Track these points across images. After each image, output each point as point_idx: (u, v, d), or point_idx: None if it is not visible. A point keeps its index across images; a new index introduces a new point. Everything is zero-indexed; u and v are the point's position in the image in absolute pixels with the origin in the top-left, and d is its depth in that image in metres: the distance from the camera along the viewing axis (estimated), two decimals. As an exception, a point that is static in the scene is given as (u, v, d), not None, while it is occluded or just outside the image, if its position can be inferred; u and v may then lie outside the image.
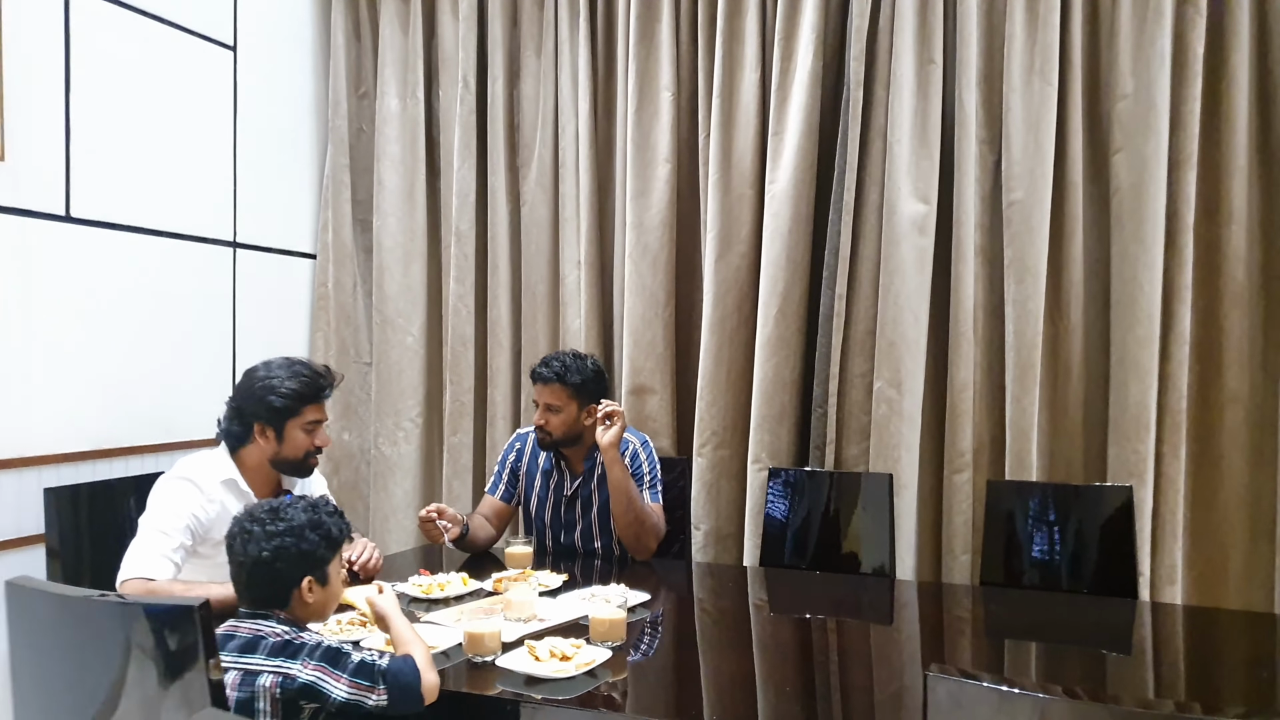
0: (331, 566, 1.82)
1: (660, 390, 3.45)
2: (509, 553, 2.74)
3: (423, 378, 3.83)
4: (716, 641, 2.32)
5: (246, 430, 2.53)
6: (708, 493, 3.36)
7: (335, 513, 1.86)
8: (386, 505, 3.82)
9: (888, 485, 3.00)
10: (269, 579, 1.76)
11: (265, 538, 1.75)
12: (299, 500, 1.84)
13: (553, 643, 1.93)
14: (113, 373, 3.16)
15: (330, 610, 1.86)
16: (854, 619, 2.55)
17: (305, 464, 2.59)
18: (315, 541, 1.78)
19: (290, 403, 2.51)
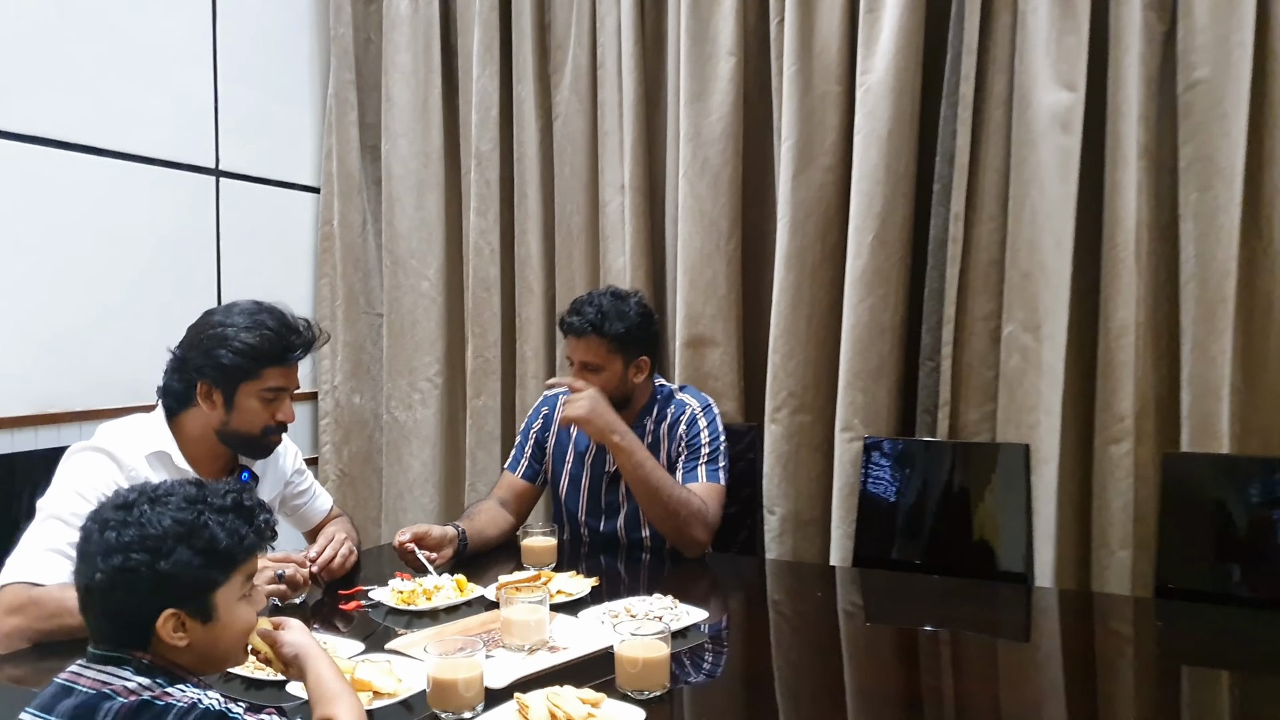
0: (224, 593, 1.20)
1: (723, 342, 2.78)
2: (525, 545, 2.12)
3: (441, 330, 3.22)
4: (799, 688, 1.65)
5: (188, 389, 1.94)
6: (783, 468, 2.69)
7: (242, 508, 1.23)
8: (402, 480, 3.24)
9: (1022, 459, 2.30)
10: (109, 612, 1.16)
11: (103, 551, 1.14)
12: (179, 488, 1.22)
13: (558, 695, 1.29)
14: (58, 321, 2.62)
15: (233, 654, 1.24)
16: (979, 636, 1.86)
17: (261, 442, 1.99)
18: (184, 560, 1.15)
19: (244, 361, 1.91)
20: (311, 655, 1.27)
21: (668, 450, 2.35)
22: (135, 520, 1.15)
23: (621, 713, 1.30)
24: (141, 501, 1.17)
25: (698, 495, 2.23)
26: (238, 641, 1.23)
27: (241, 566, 1.21)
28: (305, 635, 1.31)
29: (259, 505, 1.25)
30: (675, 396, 2.41)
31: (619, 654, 1.42)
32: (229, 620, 1.20)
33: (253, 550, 1.23)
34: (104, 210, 2.73)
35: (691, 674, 1.57)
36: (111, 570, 1.12)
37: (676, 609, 1.73)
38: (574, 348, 2.31)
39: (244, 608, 1.23)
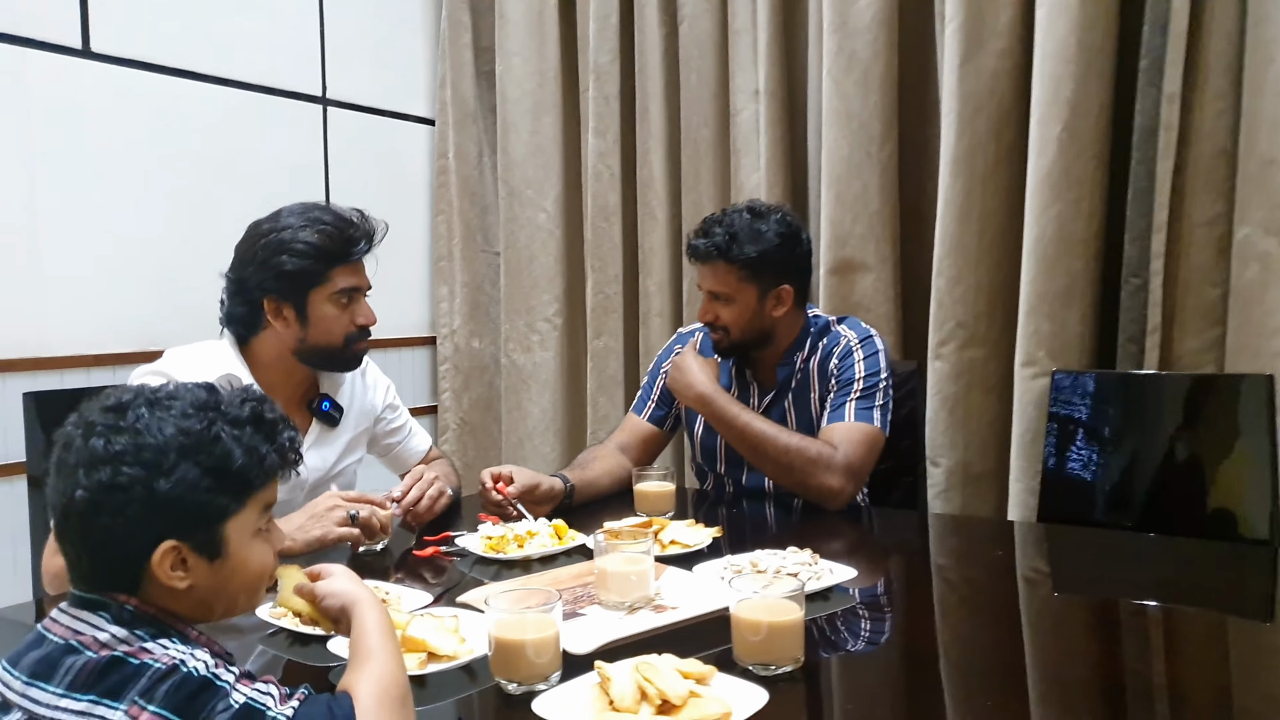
0: (237, 525, 0.93)
1: (876, 267, 2.39)
2: (638, 490, 1.82)
3: (560, 266, 2.95)
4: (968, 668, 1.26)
5: (254, 311, 1.74)
6: (949, 413, 2.28)
7: (262, 420, 0.96)
8: (521, 428, 3.00)
9: (1265, 394, 1.82)
10: (91, 542, 0.91)
11: (86, 463, 0.89)
12: (185, 390, 0.96)
13: (651, 666, 0.98)
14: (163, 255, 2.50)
15: (243, 601, 0.98)
16: (1204, 613, 1.42)
17: (346, 353, 1.79)
18: (190, 479, 0.89)
19: (309, 264, 1.70)
20: (359, 604, 1.00)
21: (819, 392, 1.99)
22: (130, 426, 0.89)
23: (737, 692, 0.97)
24: (138, 403, 0.91)
25: (820, 440, 1.86)
26: (250, 586, 0.97)
27: (259, 493, 0.95)
28: (351, 582, 1.04)
29: (283, 420, 0.98)
30: (832, 329, 2.03)
31: (737, 617, 1.09)
32: (241, 559, 0.94)
33: (273, 474, 0.96)
34: (208, 139, 2.60)
35: (831, 646, 1.22)
36: (96, 487, 0.87)
37: (816, 565, 1.38)
38: (702, 274, 1.97)
39: (259, 546, 0.96)
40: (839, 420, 1.91)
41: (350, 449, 1.91)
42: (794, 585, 1.10)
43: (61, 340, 2.34)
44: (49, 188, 2.31)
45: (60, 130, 2.32)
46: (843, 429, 1.89)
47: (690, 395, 1.95)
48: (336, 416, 1.85)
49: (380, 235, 1.79)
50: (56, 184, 2.32)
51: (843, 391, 1.94)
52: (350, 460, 1.92)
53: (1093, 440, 1.99)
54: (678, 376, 1.97)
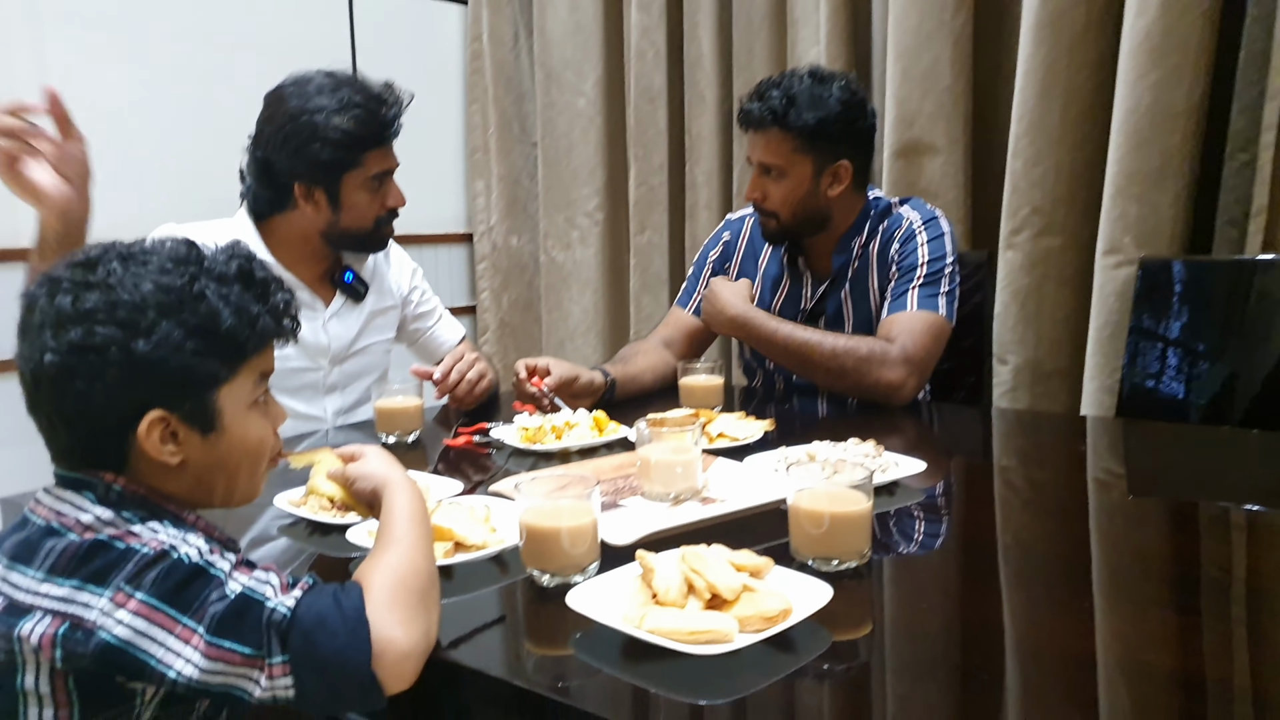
0: (230, 394, 0.82)
1: (945, 149, 2.19)
2: (684, 384, 1.69)
3: (601, 155, 2.78)
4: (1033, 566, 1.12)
5: (281, 194, 1.64)
6: (1020, 307, 2.11)
7: (251, 278, 0.84)
8: (562, 328, 2.87)
9: (1384, 281, 1.63)
10: (66, 412, 0.80)
11: (54, 323, 0.77)
12: (162, 245, 0.83)
13: (699, 556, 0.86)
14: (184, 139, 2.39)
15: (243, 483, 0.87)
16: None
17: (376, 235, 1.72)
18: (172, 340, 0.78)
19: (343, 153, 1.61)
20: (390, 486, 0.90)
21: (879, 279, 1.83)
22: (101, 281, 0.78)
23: (797, 587, 0.84)
24: (109, 258, 0.80)
25: (874, 337, 1.71)
26: (252, 462, 0.86)
27: (253, 359, 0.84)
28: (385, 463, 0.93)
29: (275, 281, 0.86)
30: (894, 211, 1.86)
31: (797, 507, 0.96)
32: (238, 433, 0.83)
33: (267, 338, 0.85)
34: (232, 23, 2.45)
35: (898, 543, 1.09)
36: (67, 349, 0.76)
37: (880, 458, 1.25)
38: (752, 144, 1.80)
39: (257, 419, 0.85)
40: (900, 309, 1.75)
41: (375, 325, 1.82)
42: (862, 474, 0.97)
43: None
44: (58, 64, 2.19)
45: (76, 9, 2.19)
46: (904, 319, 1.73)
47: (724, 321, 1.80)
48: (360, 290, 1.77)
49: (407, 104, 1.68)
50: (67, 60, 2.20)
51: (905, 278, 1.78)
52: (378, 338, 1.83)
53: (1183, 334, 1.81)
54: (709, 307, 1.82)
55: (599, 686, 0.78)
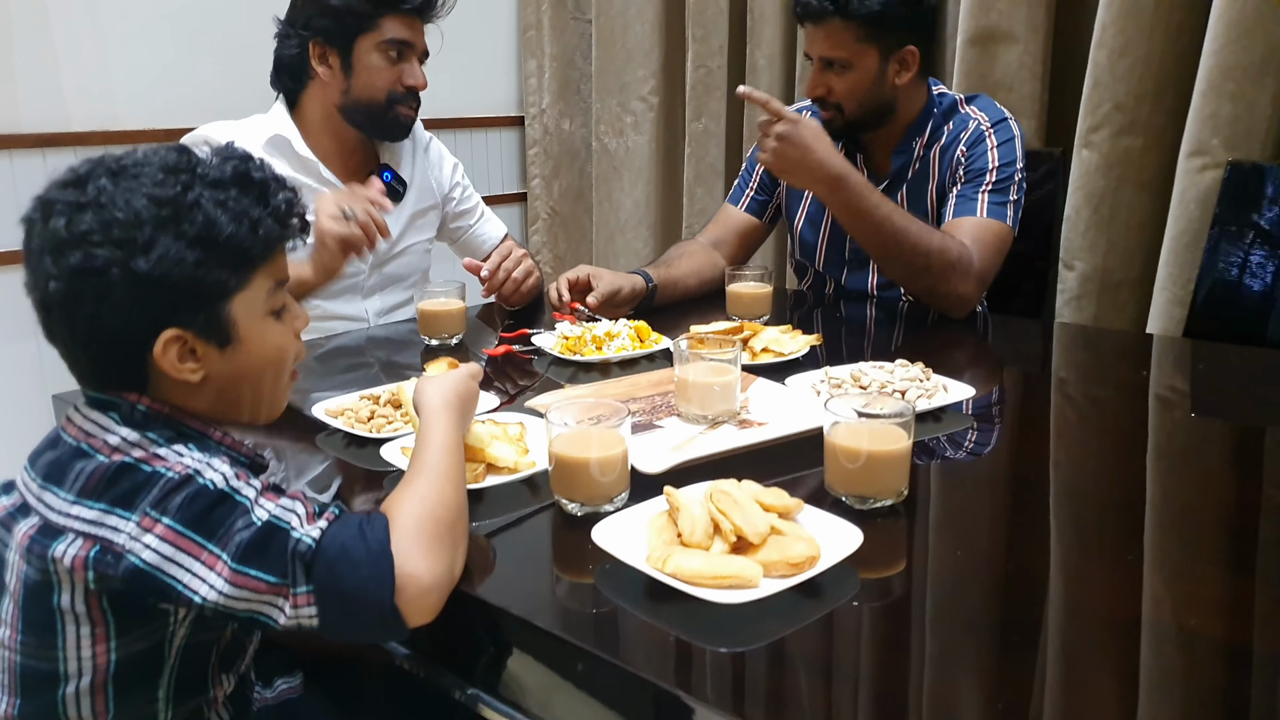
0: (243, 303, 0.81)
1: (1024, 37, 2.04)
2: (730, 291, 1.65)
3: (657, 35, 2.66)
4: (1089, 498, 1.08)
5: (301, 56, 1.60)
6: (1094, 210, 2.00)
7: (248, 180, 0.81)
8: (613, 220, 2.82)
9: None
10: (80, 337, 0.79)
11: (52, 247, 0.76)
12: (153, 155, 0.80)
13: (728, 496, 0.84)
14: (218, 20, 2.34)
15: (270, 395, 0.86)
16: None
17: (388, 114, 1.64)
18: (172, 254, 0.76)
19: (357, 5, 1.55)
20: (427, 413, 0.90)
21: (939, 179, 1.74)
22: (92, 200, 0.76)
23: (827, 530, 0.82)
24: (98, 174, 0.77)
25: (957, 238, 1.62)
26: (275, 372, 0.86)
27: (263, 266, 0.82)
28: (440, 389, 0.93)
29: (275, 180, 0.83)
30: (960, 109, 1.76)
31: (831, 442, 0.93)
32: (256, 344, 0.82)
33: (274, 243, 0.82)
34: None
35: (940, 477, 1.06)
36: (69, 274, 0.75)
37: (928, 382, 1.20)
38: (812, 38, 1.69)
39: (275, 326, 0.84)
40: (969, 214, 1.67)
41: (415, 225, 1.79)
42: (902, 408, 0.93)
43: (130, 114, 2.24)
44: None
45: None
46: (974, 226, 1.66)
47: (820, 175, 1.55)
48: (400, 189, 1.73)
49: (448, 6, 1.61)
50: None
51: (973, 182, 1.69)
52: (418, 239, 1.80)
53: (1266, 246, 1.70)
54: (794, 153, 1.54)
55: (619, 627, 0.78)
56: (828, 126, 1.74)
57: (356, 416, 1.15)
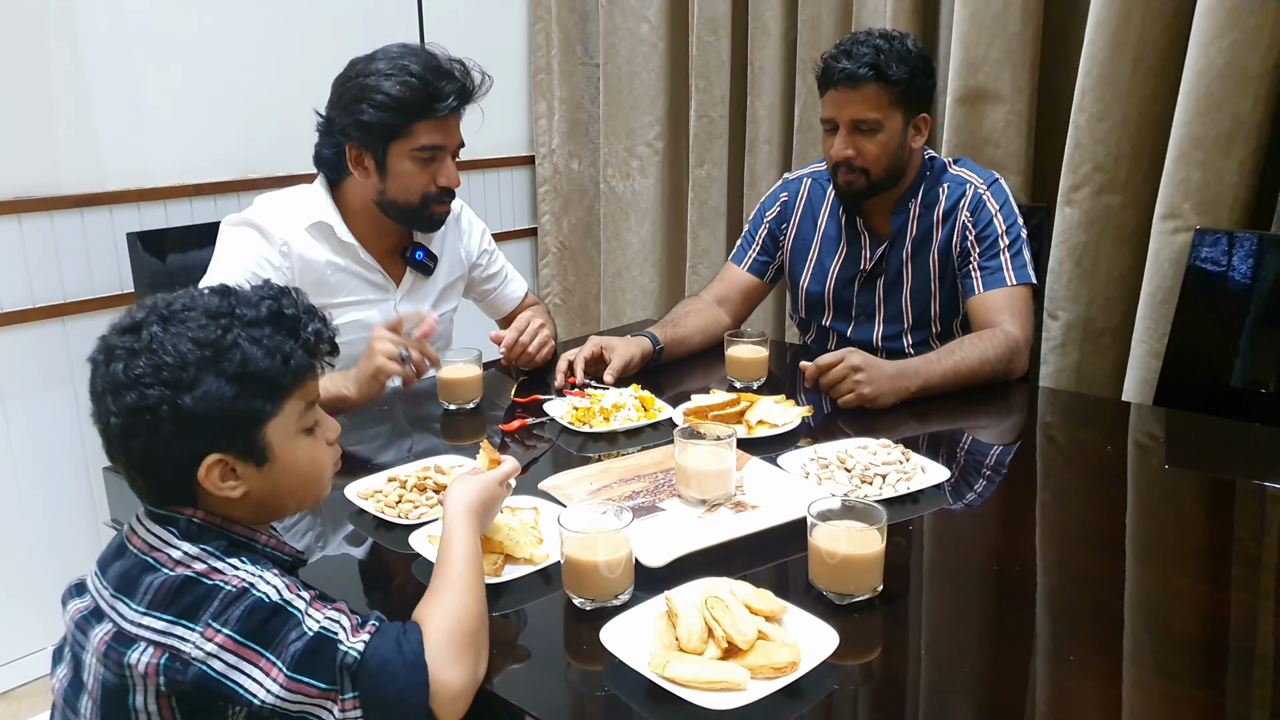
0: (278, 427, 0.93)
1: (1010, 97, 2.15)
2: (730, 355, 1.76)
3: (663, 84, 2.77)
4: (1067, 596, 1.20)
5: (339, 154, 1.70)
6: (1076, 263, 2.11)
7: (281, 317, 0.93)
8: (620, 257, 2.94)
9: None
10: (136, 463, 0.92)
11: (112, 388, 0.89)
12: (199, 299, 0.92)
13: (721, 603, 0.96)
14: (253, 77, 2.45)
15: (308, 494, 0.99)
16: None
17: (423, 213, 1.73)
18: (214, 391, 0.88)
19: (389, 116, 1.63)
20: (449, 520, 1.02)
21: (942, 242, 1.86)
22: (145, 346, 0.88)
23: (807, 632, 0.94)
24: (150, 321, 0.90)
25: (1000, 328, 1.73)
26: (311, 481, 0.98)
27: (294, 391, 0.93)
28: (465, 493, 1.05)
29: (307, 313, 0.95)
30: (948, 171, 1.88)
31: (812, 542, 1.05)
32: (290, 459, 0.94)
33: (304, 371, 0.94)
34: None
35: (916, 562, 1.18)
36: (126, 411, 0.87)
37: (907, 464, 1.32)
38: (844, 102, 1.78)
39: (308, 442, 0.96)
40: (999, 285, 1.79)
41: (445, 297, 1.90)
42: (877, 515, 1.05)
43: (162, 171, 2.36)
44: (136, 9, 2.25)
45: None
46: (1007, 299, 1.78)
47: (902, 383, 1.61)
48: (430, 265, 1.83)
49: (483, 89, 1.70)
50: (149, 12, 2.26)
51: (990, 251, 1.81)
52: (446, 308, 1.91)
53: (1228, 309, 1.82)
54: (876, 375, 1.58)
55: (625, 721, 0.90)
56: (849, 189, 1.85)
57: (386, 501, 1.27)
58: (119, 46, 2.24)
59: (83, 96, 2.21)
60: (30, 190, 2.15)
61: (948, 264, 1.86)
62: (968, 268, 1.82)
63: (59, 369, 2.25)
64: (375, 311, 1.77)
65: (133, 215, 2.31)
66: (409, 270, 1.83)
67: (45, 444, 2.25)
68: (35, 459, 2.24)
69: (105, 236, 2.28)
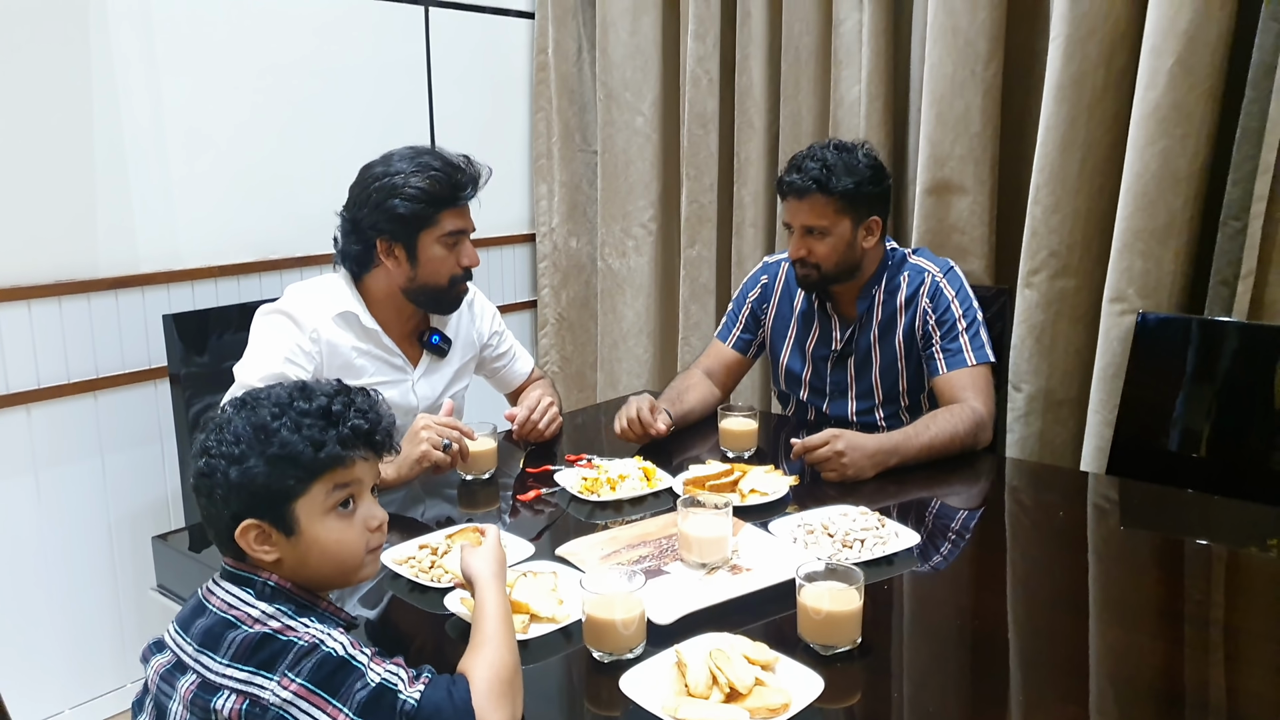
0: (305, 505, 1.08)
1: (973, 189, 2.37)
2: (723, 428, 1.94)
3: (656, 171, 2.99)
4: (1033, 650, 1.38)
5: (367, 250, 1.88)
6: (1036, 340, 2.31)
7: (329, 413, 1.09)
8: (616, 330, 3.13)
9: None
10: (204, 519, 1.12)
11: (196, 453, 1.10)
12: (278, 392, 1.11)
13: (723, 655, 1.13)
14: (274, 164, 2.64)
15: (339, 571, 1.13)
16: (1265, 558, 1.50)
17: (450, 293, 1.93)
18: (254, 469, 1.05)
19: (420, 208, 1.83)
20: (480, 585, 1.18)
21: (905, 326, 2.06)
22: (221, 422, 1.08)
23: (797, 679, 1.11)
24: (237, 404, 1.10)
25: (966, 403, 1.91)
26: (334, 558, 1.11)
27: (324, 476, 1.08)
28: (483, 558, 1.21)
29: (355, 410, 1.11)
30: (908, 261, 2.09)
31: (800, 601, 1.22)
32: (314, 535, 1.09)
33: (335, 461, 1.08)
34: (315, 46, 2.67)
35: (892, 617, 1.35)
36: (197, 474, 1.08)
37: (883, 529, 1.50)
38: (795, 210, 2.01)
39: (334, 522, 1.10)
40: (961, 366, 1.98)
41: (458, 376, 2.08)
42: (855, 576, 1.22)
43: (191, 253, 2.50)
44: (172, 102, 2.41)
45: (179, 44, 2.41)
46: (969, 377, 1.96)
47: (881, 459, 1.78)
48: (445, 348, 2.01)
49: (484, 179, 1.90)
50: (178, 98, 2.43)
51: (950, 334, 2.00)
52: (458, 386, 2.09)
53: (1169, 384, 2.02)
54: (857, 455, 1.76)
55: (644, 757, 1.06)
56: (805, 281, 2.06)
57: (420, 566, 1.44)
58: (156, 136, 2.42)
59: (122, 184, 2.36)
60: (70, 273, 2.30)
61: (912, 346, 2.06)
62: (931, 350, 2.02)
63: (88, 441, 2.39)
64: (394, 391, 1.94)
65: (162, 295, 2.48)
66: (425, 352, 2.00)
67: (72, 512, 2.38)
68: (64, 526, 2.36)
69: (137, 315, 2.44)
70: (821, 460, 1.76)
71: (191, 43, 2.44)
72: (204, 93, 2.48)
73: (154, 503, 2.51)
